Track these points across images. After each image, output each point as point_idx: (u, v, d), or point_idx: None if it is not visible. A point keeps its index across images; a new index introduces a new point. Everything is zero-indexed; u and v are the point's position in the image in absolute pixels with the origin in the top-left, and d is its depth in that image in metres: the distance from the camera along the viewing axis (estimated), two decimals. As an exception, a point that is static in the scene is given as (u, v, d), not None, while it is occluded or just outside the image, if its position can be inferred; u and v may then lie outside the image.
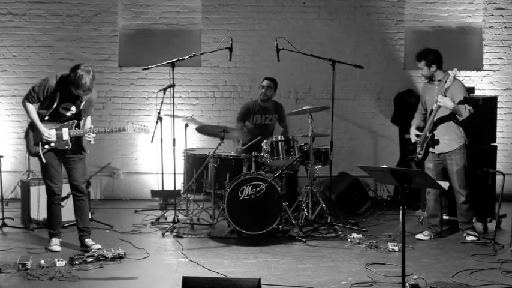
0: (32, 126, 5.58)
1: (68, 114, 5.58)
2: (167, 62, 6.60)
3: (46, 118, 5.53)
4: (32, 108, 5.53)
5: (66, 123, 5.58)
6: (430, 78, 6.23)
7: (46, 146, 5.55)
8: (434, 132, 6.11)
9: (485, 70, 8.49)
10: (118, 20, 8.43)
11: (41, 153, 5.53)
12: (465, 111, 5.98)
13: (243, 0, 8.46)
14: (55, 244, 5.62)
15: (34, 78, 8.31)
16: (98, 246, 5.66)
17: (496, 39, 8.53)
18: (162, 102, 6.71)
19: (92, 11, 8.38)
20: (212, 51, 7.05)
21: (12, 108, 8.41)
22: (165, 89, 6.69)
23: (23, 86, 8.35)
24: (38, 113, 5.55)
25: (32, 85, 5.67)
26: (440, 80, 6.15)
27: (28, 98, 5.53)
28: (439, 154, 6.17)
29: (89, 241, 5.70)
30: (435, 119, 6.07)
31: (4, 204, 7.06)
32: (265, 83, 7.40)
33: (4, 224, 6.56)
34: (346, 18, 8.53)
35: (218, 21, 8.43)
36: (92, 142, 5.69)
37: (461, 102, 5.99)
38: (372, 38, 8.54)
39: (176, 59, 6.56)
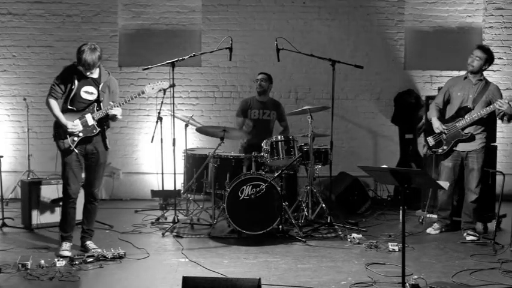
0: (57, 124, 5.55)
1: (90, 98, 5.51)
2: (167, 62, 6.60)
3: (70, 107, 5.49)
4: (55, 105, 5.48)
5: (87, 109, 5.54)
6: (475, 72, 6.15)
7: (75, 138, 5.50)
8: (469, 130, 6.12)
9: (485, 70, 8.48)
10: (118, 20, 8.44)
11: (72, 146, 5.49)
12: None
13: (243, 0, 8.47)
14: (65, 249, 5.53)
15: (34, 78, 8.34)
16: (98, 250, 5.66)
17: (496, 39, 8.55)
18: (162, 102, 6.72)
19: (92, 11, 8.39)
20: (212, 51, 7.05)
21: (12, 108, 8.42)
22: (165, 89, 6.68)
23: (23, 86, 8.38)
24: (62, 107, 5.50)
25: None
26: (480, 80, 6.16)
27: (51, 93, 5.48)
28: (462, 151, 6.18)
29: (90, 244, 5.69)
30: (475, 118, 6.04)
31: (4, 204, 7.07)
32: (259, 76, 7.46)
33: (4, 224, 6.55)
34: (346, 18, 8.54)
35: (218, 21, 8.44)
36: (120, 117, 5.66)
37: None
38: (372, 38, 8.55)
39: (176, 59, 6.56)
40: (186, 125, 7.15)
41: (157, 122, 6.83)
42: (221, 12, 8.46)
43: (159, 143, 6.98)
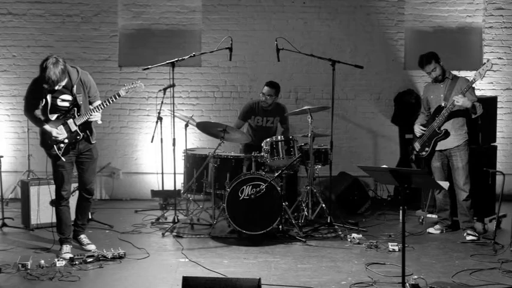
0: (42, 132, 5.54)
1: (68, 105, 5.48)
2: (167, 62, 6.60)
3: (53, 118, 5.48)
4: (31, 116, 5.50)
5: (68, 115, 5.51)
6: (443, 76, 6.23)
7: (61, 145, 5.49)
8: (446, 128, 6.14)
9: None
10: (118, 20, 8.43)
11: (59, 154, 5.48)
12: (480, 108, 6.06)
13: (243, 0, 8.46)
14: (66, 252, 5.53)
15: (34, 78, 8.32)
16: (93, 247, 5.68)
17: (496, 39, 8.54)
18: (162, 102, 6.72)
19: (92, 11, 8.38)
20: (212, 51, 7.05)
21: (12, 108, 8.41)
22: (165, 89, 6.69)
23: (23, 86, 8.32)
24: (43, 117, 5.48)
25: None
26: (447, 78, 6.22)
27: (26, 108, 5.52)
28: (444, 150, 6.20)
29: (84, 238, 5.73)
30: (446, 114, 6.09)
31: (4, 204, 7.07)
32: (265, 90, 7.29)
33: (4, 224, 6.56)
34: (346, 18, 8.53)
35: (218, 21, 8.43)
36: (100, 122, 5.65)
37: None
38: (372, 38, 8.55)
39: (176, 59, 6.56)
40: (186, 125, 7.15)
41: (157, 122, 6.83)
42: (221, 12, 8.46)
43: (159, 143, 6.98)
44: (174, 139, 6.58)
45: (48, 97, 5.40)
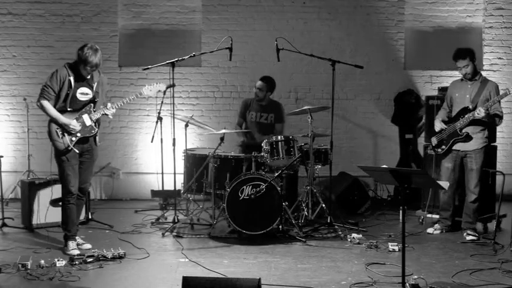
0: (52, 123, 5.54)
1: (85, 99, 5.55)
2: (167, 62, 6.60)
3: (69, 109, 5.50)
4: (49, 105, 5.47)
5: (83, 109, 5.56)
6: (472, 76, 6.17)
7: (73, 138, 5.51)
8: (468, 131, 6.12)
9: (485, 70, 8.50)
10: (118, 20, 8.44)
11: (71, 146, 5.49)
12: (499, 122, 6.12)
13: (243, 0, 8.47)
14: (73, 248, 5.55)
15: (34, 78, 8.33)
16: (89, 245, 5.68)
17: (496, 39, 8.55)
18: (162, 102, 6.72)
19: (92, 11, 8.39)
20: (212, 51, 7.05)
21: (12, 108, 8.42)
22: (163, 91, 6.68)
23: (23, 86, 8.37)
24: (58, 108, 5.49)
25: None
26: (476, 80, 6.17)
27: (43, 95, 5.46)
28: (461, 151, 6.19)
29: (79, 239, 5.75)
30: (470, 117, 6.04)
31: (4, 204, 7.07)
32: (258, 84, 7.37)
33: (4, 224, 6.55)
34: (346, 18, 8.53)
35: (218, 21, 8.44)
36: (111, 116, 5.76)
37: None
38: (372, 38, 8.55)
39: (176, 59, 6.56)
40: (186, 125, 7.15)
41: (157, 122, 6.84)
42: (221, 12, 8.46)
43: (159, 143, 6.98)
44: (174, 139, 6.58)
45: (72, 86, 5.46)
